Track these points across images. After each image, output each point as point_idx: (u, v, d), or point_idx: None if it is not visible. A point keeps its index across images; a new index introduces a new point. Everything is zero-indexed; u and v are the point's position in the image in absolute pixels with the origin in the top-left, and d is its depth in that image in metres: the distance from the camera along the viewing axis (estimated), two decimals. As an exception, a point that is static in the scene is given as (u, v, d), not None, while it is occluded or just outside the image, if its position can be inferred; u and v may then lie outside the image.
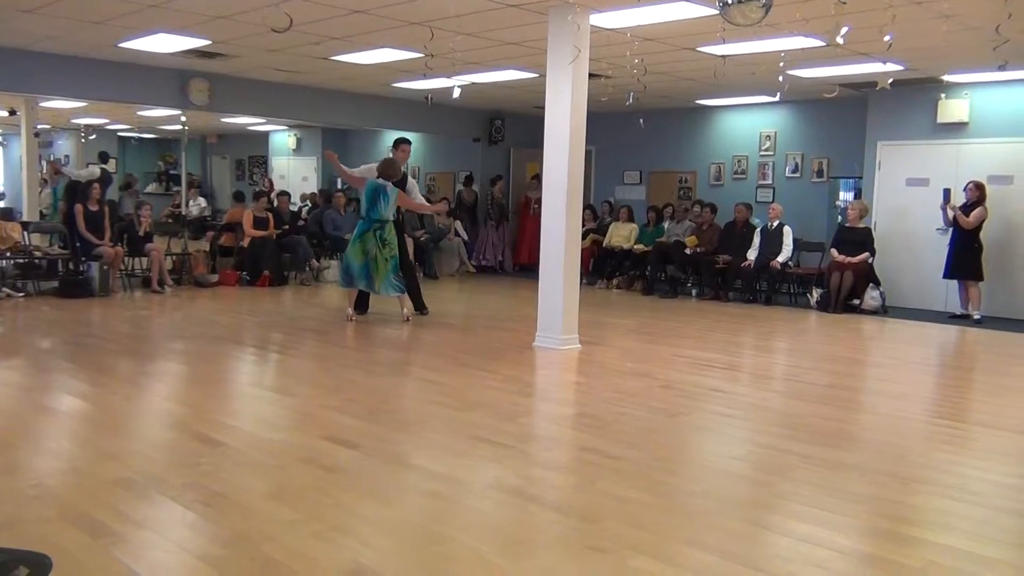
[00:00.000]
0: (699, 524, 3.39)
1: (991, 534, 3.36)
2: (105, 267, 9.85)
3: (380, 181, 8.07)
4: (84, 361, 6.28)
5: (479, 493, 3.64)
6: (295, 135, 18.43)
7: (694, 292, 11.59)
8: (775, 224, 11.04)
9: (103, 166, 12.65)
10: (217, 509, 3.33)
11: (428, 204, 9.65)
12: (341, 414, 4.89)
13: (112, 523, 3.15)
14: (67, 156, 18.40)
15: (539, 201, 13.95)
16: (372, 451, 4.18)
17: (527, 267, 14.12)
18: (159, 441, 4.41)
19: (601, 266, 12.65)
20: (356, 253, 8.12)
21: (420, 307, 8.77)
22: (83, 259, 9.89)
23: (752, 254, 11.00)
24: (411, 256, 12.70)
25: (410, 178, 9.21)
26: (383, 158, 8.59)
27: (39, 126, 13.26)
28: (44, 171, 15.33)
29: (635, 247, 12.29)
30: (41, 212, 12.47)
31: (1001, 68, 7.07)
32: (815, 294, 10.46)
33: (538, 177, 14.48)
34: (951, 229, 9.80)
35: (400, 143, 8.70)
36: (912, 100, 10.63)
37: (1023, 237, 9.99)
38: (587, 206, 12.59)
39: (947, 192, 9.78)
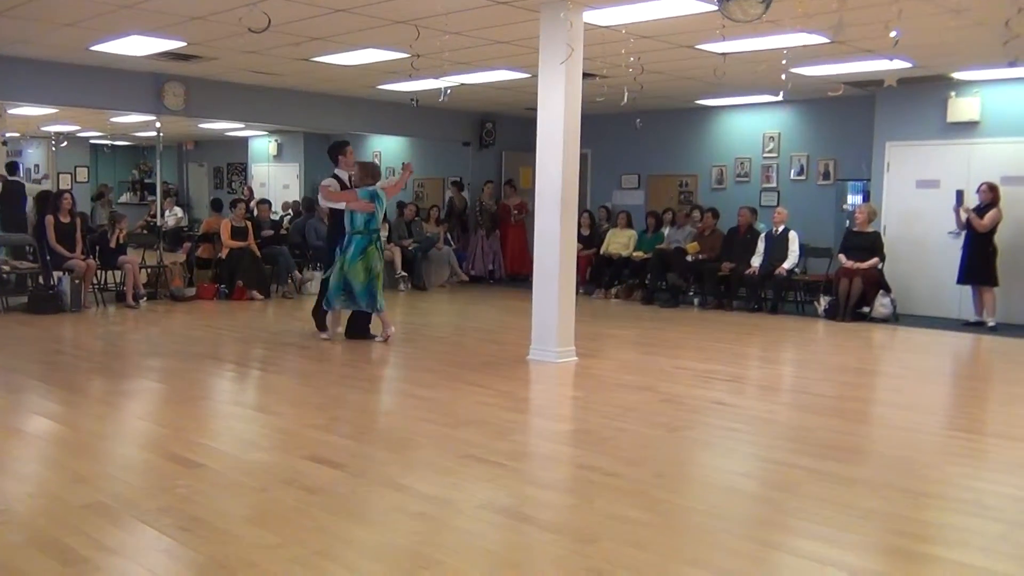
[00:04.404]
0: (702, 544, 3.35)
1: (1008, 550, 3.30)
2: (77, 281, 9.56)
3: (370, 188, 7.55)
4: (55, 380, 6.13)
5: (470, 514, 3.56)
6: (276, 140, 17.96)
7: (696, 301, 11.33)
8: (780, 229, 10.80)
9: (12, 178, 12.10)
10: (194, 534, 3.25)
11: (395, 179, 8.51)
12: (325, 433, 4.80)
13: (84, 550, 3.09)
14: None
15: (518, 207, 13.92)
16: (358, 471, 4.08)
17: (516, 276, 13.76)
18: (133, 463, 4.32)
19: (598, 274, 12.32)
20: (358, 272, 7.46)
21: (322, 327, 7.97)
22: (53, 273, 9.57)
23: (757, 260, 10.77)
24: (398, 266, 12.36)
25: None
26: (359, 164, 7.93)
27: (7, 134, 12.83)
28: None
29: (634, 254, 12.01)
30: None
31: (1012, 65, 7.11)
32: (823, 302, 10.23)
33: (512, 183, 14.18)
34: (964, 232, 9.62)
35: (344, 147, 8.04)
36: (921, 99, 10.41)
37: (1039, 240, 9.76)
38: (584, 211, 12.27)
39: (960, 194, 9.57)
